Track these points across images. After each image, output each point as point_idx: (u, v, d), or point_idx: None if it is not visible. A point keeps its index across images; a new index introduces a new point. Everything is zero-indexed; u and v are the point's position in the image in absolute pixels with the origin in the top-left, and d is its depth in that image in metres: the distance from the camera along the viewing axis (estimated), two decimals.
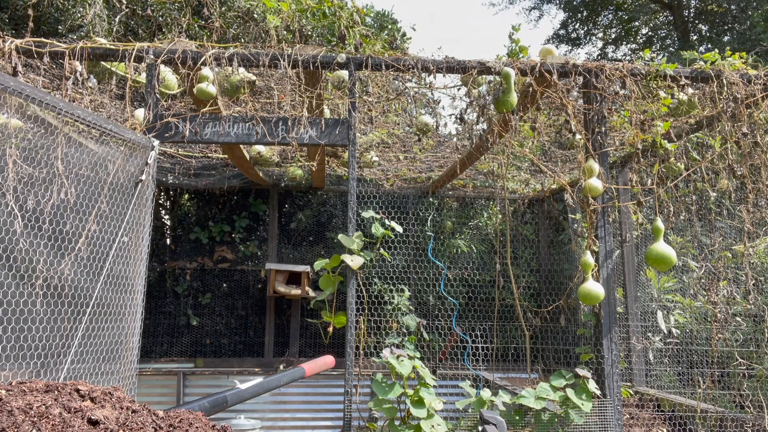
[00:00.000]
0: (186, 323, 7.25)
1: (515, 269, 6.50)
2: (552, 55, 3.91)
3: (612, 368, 3.56)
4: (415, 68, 3.77)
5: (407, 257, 6.10)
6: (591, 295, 3.49)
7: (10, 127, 2.39)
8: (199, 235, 7.35)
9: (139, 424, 1.27)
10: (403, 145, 6.11)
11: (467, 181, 6.76)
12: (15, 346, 2.21)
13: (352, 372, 3.52)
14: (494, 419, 2.84)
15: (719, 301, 4.48)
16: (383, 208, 5.54)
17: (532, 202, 7.06)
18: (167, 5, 6.81)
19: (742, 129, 3.89)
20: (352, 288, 3.65)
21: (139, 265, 3.07)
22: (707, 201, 4.64)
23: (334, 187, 7.15)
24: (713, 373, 4.54)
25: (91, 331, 2.64)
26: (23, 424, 1.16)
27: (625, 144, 4.76)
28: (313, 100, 4.10)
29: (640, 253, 5.28)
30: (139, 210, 3.06)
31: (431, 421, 3.26)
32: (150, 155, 3.18)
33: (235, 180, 6.64)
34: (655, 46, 17.91)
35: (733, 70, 3.94)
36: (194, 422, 1.36)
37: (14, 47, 3.43)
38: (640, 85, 3.88)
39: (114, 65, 4.32)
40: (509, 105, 3.67)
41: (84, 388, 1.38)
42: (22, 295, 2.28)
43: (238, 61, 3.67)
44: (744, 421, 3.96)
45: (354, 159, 3.74)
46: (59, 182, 2.52)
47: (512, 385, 4.84)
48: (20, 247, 2.30)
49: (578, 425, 3.38)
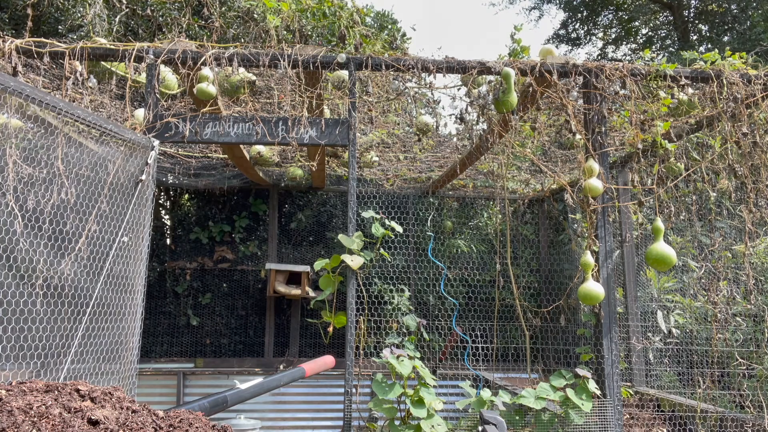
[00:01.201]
0: (186, 323, 7.24)
1: (515, 269, 6.50)
2: (552, 54, 3.90)
3: (612, 368, 3.56)
4: (415, 68, 3.77)
5: (407, 257, 6.10)
6: (591, 295, 3.49)
7: (10, 127, 2.39)
8: (199, 235, 7.35)
9: (139, 424, 1.27)
10: (403, 145, 6.11)
11: (467, 181, 6.76)
12: (15, 346, 2.21)
13: (352, 372, 3.52)
14: (494, 419, 2.84)
15: (719, 301, 4.48)
16: (383, 208, 5.54)
17: (532, 202, 7.06)
18: (167, 5, 6.81)
19: (742, 129, 3.89)
20: (352, 288, 3.64)
21: (139, 265, 3.07)
22: (707, 201, 4.64)
23: (334, 187, 7.15)
24: (713, 373, 4.54)
25: (91, 331, 2.63)
26: (23, 424, 1.16)
27: (625, 144, 4.76)
28: (313, 100, 4.10)
29: (640, 253, 5.28)
30: (139, 210, 3.06)
31: (431, 421, 3.26)
32: (150, 155, 3.18)
33: (235, 180, 6.63)
34: (655, 46, 17.90)
35: (733, 70, 3.94)
36: (194, 422, 1.36)
37: (14, 47, 3.43)
38: (640, 85, 3.88)
39: (114, 65, 4.32)
40: (509, 105, 3.67)
41: (84, 388, 1.38)
42: (22, 295, 2.28)
43: (238, 61, 3.67)
44: (744, 421, 3.96)
45: (354, 159, 3.74)
46: (59, 182, 2.52)
47: (512, 385, 4.84)
48: (20, 247, 2.30)
49: (578, 425, 3.38)
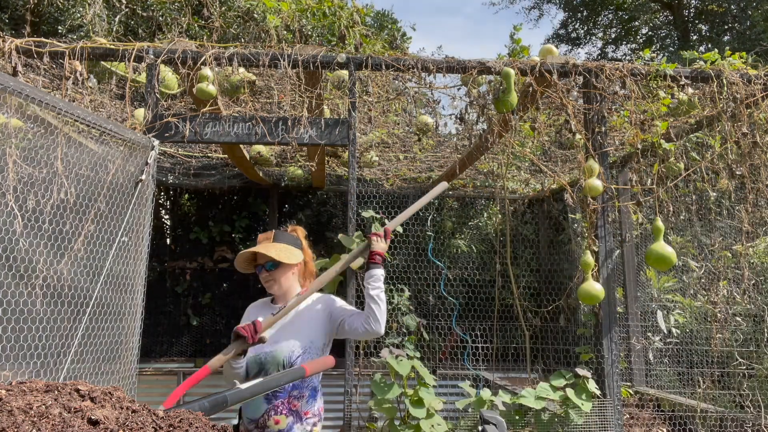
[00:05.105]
0: (186, 323, 7.24)
1: (515, 269, 6.49)
2: (553, 54, 3.90)
3: (612, 368, 3.56)
4: (415, 68, 3.76)
5: (407, 257, 6.10)
6: (591, 295, 3.49)
7: (10, 127, 2.39)
8: (199, 235, 7.35)
9: (139, 424, 1.27)
10: (403, 145, 6.11)
11: (467, 181, 6.76)
12: (15, 346, 2.21)
13: (352, 372, 3.52)
14: (494, 419, 2.83)
15: (719, 301, 4.48)
16: (383, 208, 5.54)
17: (532, 202, 7.06)
18: (167, 5, 6.81)
19: (742, 129, 3.89)
20: (352, 288, 3.65)
21: (139, 265, 3.07)
22: (707, 201, 4.64)
23: (334, 187, 7.15)
24: (713, 373, 4.54)
25: (91, 331, 2.63)
26: (23, 424, 1.16)
27: (625, 144, 4.76)
28: (313, 100, 4.10)
29: (640, 253, 5.28)
30: (139, 210, 3.06)
31: (431, 421, 3.26)
32: (150, 155, 3.18)
33: (235, 180, 6.63)
34: (655, 46, 17.90)
35: (733, 70, 3.94)
36: (194, 422, 1.36)
37: (14, 47, 3.43)
38: (640, 85, 3.88)
39: (114, 65, 4.32)
40: (509, 105, 3.67)
41: (84, 388, 1.38)
42: (22, 295, 2.28)
43: (238, 61, 3.67)
44: (744, 420, 3.96)
45: (354, 159, 3.74)
46: (59, 182, 2.52)
47: (512, 385, 4.84)
48: (20, 247, 2.30)
49: (578, 425, 3.39)
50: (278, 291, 2.61)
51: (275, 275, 2.57)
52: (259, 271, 2.60)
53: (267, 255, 2.51)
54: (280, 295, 2.63)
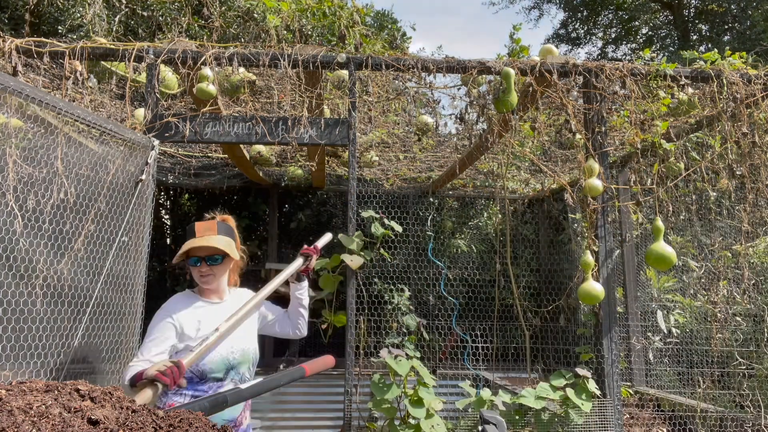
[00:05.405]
0: None
1: (515, 269, 6.49)
2: (553, 53, 3.90)
3: (612, 368, 3.56)
4: (415, 68, 3.76)
5: (407, 257, 6.10)
6: (591, 295, 3.49)
7: (10, 127, 2.39)
8: None
9: (139, 424, 1.27)
10: (403, 145, 6.11)
11: (467, 181, 6.76)
12: (15, 346, 2.21)
13: (352, 372, 3.52)
14: (494, 419, 2.84)
15: (719, 301, 4.48)
16: (383, 208, 5.54)
17: (532, 202, 7.06)
18: (167, 5, 6.81)
19: (742, 129, 3.89)
20: (352, 288, 3.64)
21: (139, 265, 3.07)
22: (707, 201, 4.64)
23: (334, 187, 7.15)
24: (713, 373, 4.54)
25: (91, 331, 2.64)
26: (23, 424, 1.16)
27: (625, 144, 4.76)
28: (313, 99, 4.10)
29: (640, 253, 5.28)
30: (139, 210, 3.06)
31: (431, 421, 3.26)
32: (150, 155, 3.18)
33: (235, 180, 6.63)
34: (655, 46, 17.90)
35: (733, 70, 3.94)
36: (194, 422, 1.36)
37: (14, 47, 3.43)
38: (640, 85, 3.88)
39: (114, 65, 4.32)
40: (509, 105, 3.67)
41: (84, 388, 1.38)
42: (22, 294, 2.28)
43: (238, 61, 3.67)
44: (744, 420, 3.96)
45: (354, 159, 3.74)
46: (59, 182, 2.52)
47: (512, 385, 4.84)
48: (20, 247, 2.30)
49: (578, 425, 3.39)
50: (216, 287, 2.42)
51: (217, 270, 2.37)
52: (195, 264, 2.35)
53: (217, 248, 2.31)
54: (213, 290, 2.44)
